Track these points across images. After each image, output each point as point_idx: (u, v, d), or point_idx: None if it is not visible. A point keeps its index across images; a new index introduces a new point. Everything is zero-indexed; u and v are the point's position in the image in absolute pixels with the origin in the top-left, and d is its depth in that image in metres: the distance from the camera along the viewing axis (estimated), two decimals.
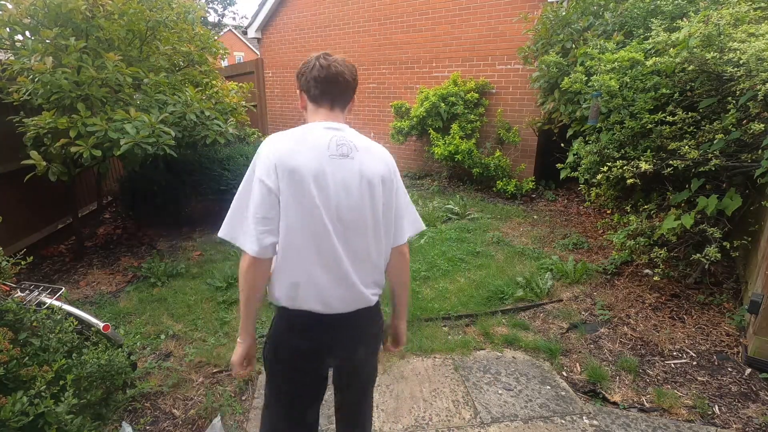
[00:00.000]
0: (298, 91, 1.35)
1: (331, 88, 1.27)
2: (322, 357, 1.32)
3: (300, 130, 1.24)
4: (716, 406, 2.24)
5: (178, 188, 4.57)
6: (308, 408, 1.40)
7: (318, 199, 1.17)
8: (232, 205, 1.23)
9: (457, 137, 5.90)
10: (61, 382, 1.69)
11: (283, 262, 1.21)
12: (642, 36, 3.79)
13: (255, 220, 1.16)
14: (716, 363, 2.56)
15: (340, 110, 1.32)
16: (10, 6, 3.23)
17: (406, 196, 1.38)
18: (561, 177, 4.19)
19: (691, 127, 3.04)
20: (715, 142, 2.84)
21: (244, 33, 10.03)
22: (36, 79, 3.04)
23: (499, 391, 2.36)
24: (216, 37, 4.79)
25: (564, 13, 4.74)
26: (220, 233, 1.23)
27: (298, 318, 1.26)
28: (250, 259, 1.18)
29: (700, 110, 3.05)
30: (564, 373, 2.53)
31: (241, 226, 1.20)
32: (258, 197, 1.16)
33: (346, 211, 1.21)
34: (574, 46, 4.55)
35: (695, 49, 2.91)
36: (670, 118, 3.05)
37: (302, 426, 1.40)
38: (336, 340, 1.31)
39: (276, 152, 1.17)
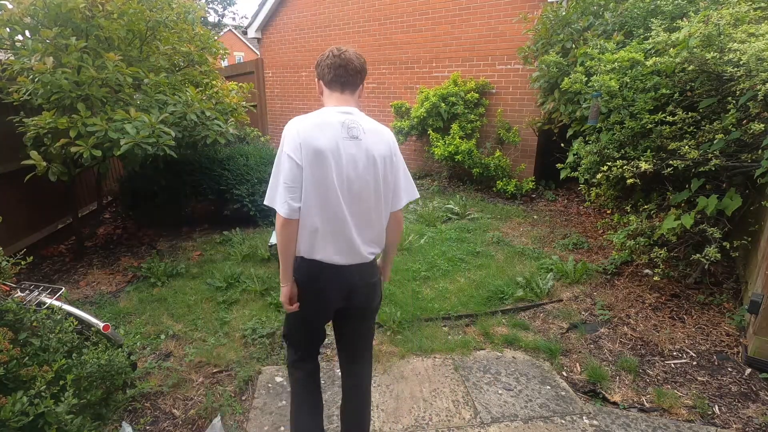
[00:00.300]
0: (316, 80, 1.62)
1: (341, 72, 1.53)
2: (327, 293, 1.60)
3: (318, 114, 1.49)
4: (716, 406, 2.24)
5: (178, 188, 4.57)
6: (319, 324, 1.75)
7: (333, 171, 1.43)
8: (270, 179, 1.52)
9: (457, 137, 5.90)
10: (61, 382, 1.69)
11: (304, 219, 1.47)
12: (642, 36, 3.78)
13: (285, 188, 1.44)
14: (716, 363, 2.56)
15: (350, 94, 1.58)
16: (10, 6, 3.22)
17: (405, 170, 1.65)
18: (561, 177, 4.19)
19: (691, 127, 3.04)
20: (715, 142, 2.84)
21: (244, 33, 10.02)
22: (36, 79, 3.04)
23: (499, 391, 2.36)
24: (216, 37, 4.78)
25: (564, 13, 4.74)
26: (265, 201, 1.54)
27: (310, 265, 1.54)
28: (282, 220, 1.46)
29: (700, 110, 3.05)
30: (564, 373, 2.53)
31: (276, 194, 1.47)
32: (287, 169, 1.43)
33: (354, 182, 1.48)
34: (574, 46, 4.55)
35: (695, 49, 2.91)
36: (670, 118, 3.05)
37: (313, 333, 1.76)
38: (339, 283, 1.58)
39: (301, 133, 1.43)
